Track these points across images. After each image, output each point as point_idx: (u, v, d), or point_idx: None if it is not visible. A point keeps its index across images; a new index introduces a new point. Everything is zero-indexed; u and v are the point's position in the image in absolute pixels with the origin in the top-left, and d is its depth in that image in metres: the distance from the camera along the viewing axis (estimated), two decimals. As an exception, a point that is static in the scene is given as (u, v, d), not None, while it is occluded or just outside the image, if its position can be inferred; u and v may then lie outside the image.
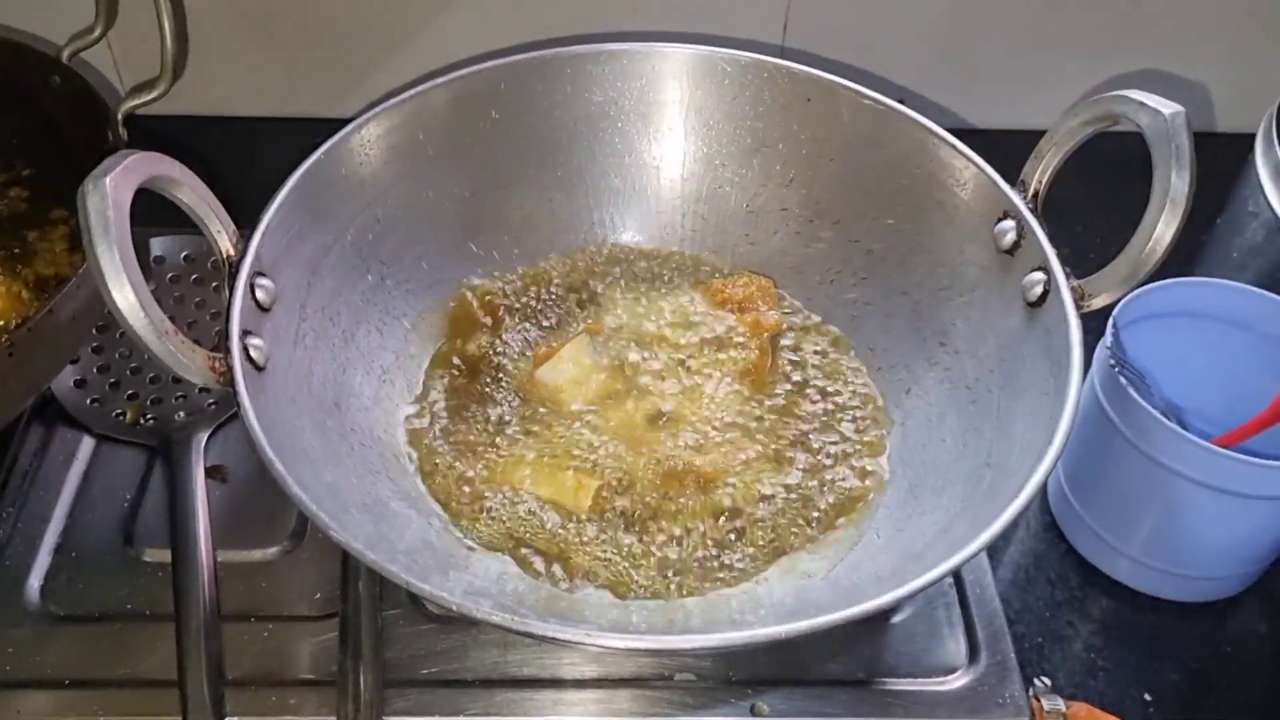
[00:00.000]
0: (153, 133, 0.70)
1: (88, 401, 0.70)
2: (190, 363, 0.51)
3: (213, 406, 0.69)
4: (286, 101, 0.87)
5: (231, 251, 0.57)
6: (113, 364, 0.71)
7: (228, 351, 0.53)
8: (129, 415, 0.69)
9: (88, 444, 0.68)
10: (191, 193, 0.55)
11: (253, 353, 0.54)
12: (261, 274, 0.57)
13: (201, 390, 0.70)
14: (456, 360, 0.66)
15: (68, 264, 0.69)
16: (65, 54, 0.73)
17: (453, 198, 0.68)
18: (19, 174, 0.73)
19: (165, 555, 0.62)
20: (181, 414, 0.69)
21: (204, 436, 0.68)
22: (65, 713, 0.57)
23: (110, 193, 0.48)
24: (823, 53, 0.86)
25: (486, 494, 0.60)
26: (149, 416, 0.69)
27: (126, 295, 0.48)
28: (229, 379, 0.52)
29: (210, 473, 0.67)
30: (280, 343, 0.57)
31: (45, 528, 0.64)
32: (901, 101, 0.66)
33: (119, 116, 0.69)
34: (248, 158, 0.86)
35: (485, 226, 0.70)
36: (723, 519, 0.60)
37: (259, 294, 0.56)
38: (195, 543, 0.61)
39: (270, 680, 0.58)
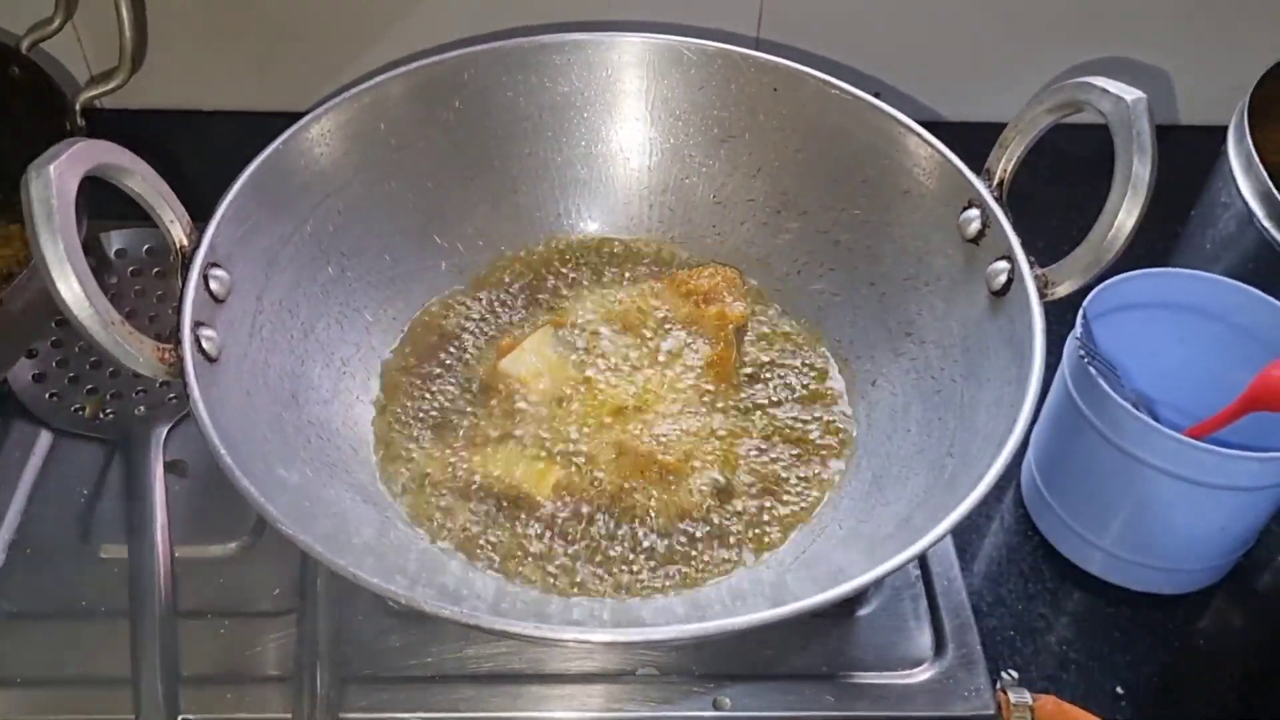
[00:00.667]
0: (118, 128, 0.69)
1: (46, 396, 0.69)
2: (138, 353, 0.50)
3: (173, 401, 0.68)
4: (255, 96, 0.86)
5: (185, 242, 0.56)
6: (72, 358, 0.70)
7: (178, 342, 0.52)
8: (88, 410, 0.68)
9: (45, 439, 0.67)
10: (143, 182, 0.54)
11: (205, 344, 0.53)
12: (216, 265, 0.56)
13: (162, 384, 0.69)
14: (417, 352, 0.66)
15: (19, 261, 0.68)
16: (24, 44, 0.72)
17: (415, 189, 0.67)
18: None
19: (122, 551, 0.61)
20: (141, 408, 0.68)
21: (164, 431, 0.67)
22: (17, 711, 0.56)
23: (54, 180, 0.48)
24: (798, 45, 0.86)
25: (445, 488, 0.60)
26: (109, 411, 0.68)
27: (71, 285, 0.48)
28: (178, 370, 0.51)
29: (169, 467, 0.66)
30: (235, 335, 0.56)
31: (-1, 524, 0.63)
32: (878, 95, 0.65)
33: (77, 107, 0.68)
34: (214, 152, 0.84)
35: (448, 218, 0.69)
36: (684, 512, 0.59)
37: (213, 285, 0.55)
38: (152, 538, 0.61)
39: (228, 678, 0.57)
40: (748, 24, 0.85)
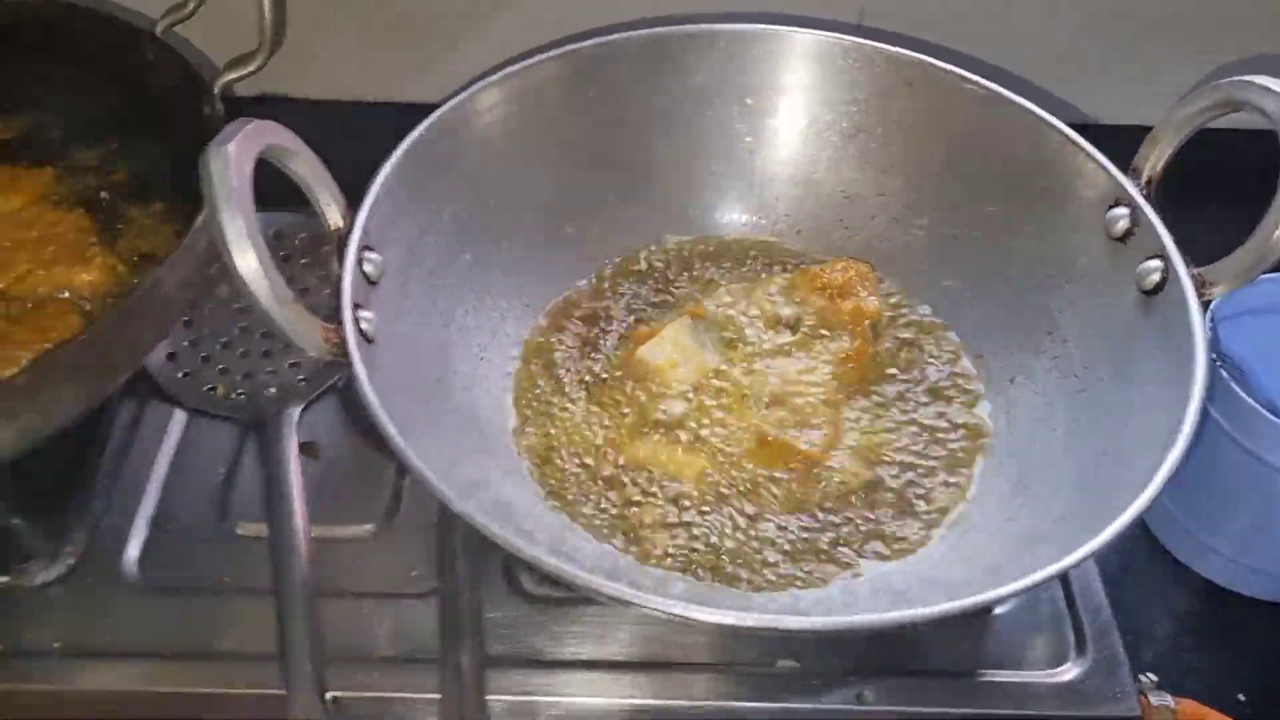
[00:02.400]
0: (250, 113, 0.69)
1: (179, 375, 0.69)
2: (307, 332, 0.51)
3: (303, 383, 0.69)
4: (374, 84, 0.87)
5: (341, 223, 0.56)
6: (202, 339, 0.71)
7: (339, 323, 0.53)
8: (220, 390, 0.69)
9: (179, 418, 0.68)
10: (304, 164, 0.55)
11: (363, 325, 0.54)
12: (369, 247, 0.56)
13: (291, 365, 0.69)
14: (555, 340, 0.66)
15: (164, 239, 0.68)
16: (159, 28, 0.73)
17: (550, 177, 0.67)
18: (112, 149, 0.73)
19: (258, 529, 0.62)
20: (272, 390, 0.69)
21: (296, 412, 0.67)
22: (165, 683, 0.57)
23: (233, 159, 0.48)
24: (902, 31, 0.84)
25: (586, 474, 0.60)
26: (240, 392, 0.69)
27: (249, 261, 0.48)
28: (342, 350, 0.52)
29: (302, 449, 0.66)
30: (386, 318, 0.56)
31: (140, 501, 0.64)
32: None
33: (216, 90, 0.68)
34: (334, 139, 0.86)
35: (582, 208, 0.69)
36: (825, 504, 0.59)
37: (367, 267, 0.56)
38: (291, 518, 0.61)
39: (372, 657, 0.57)
40: (847, 10, 0.84)
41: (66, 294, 0.65)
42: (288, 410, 0.67)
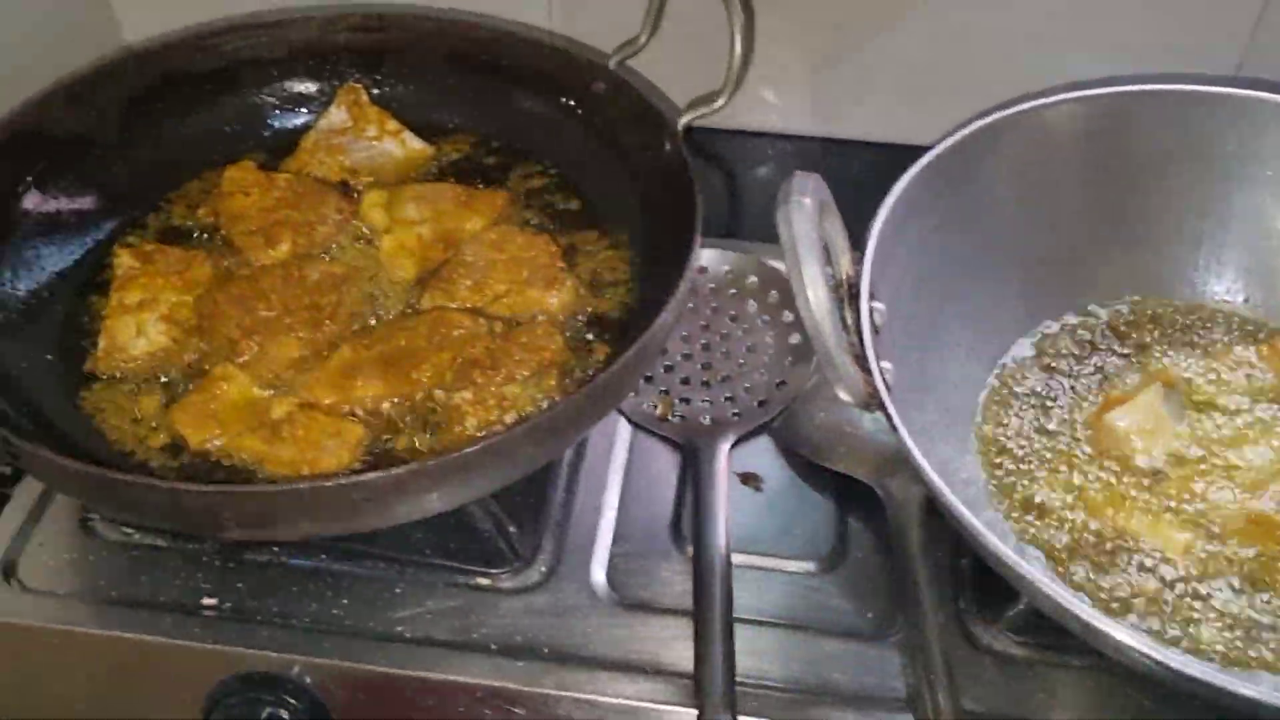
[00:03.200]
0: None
1: (622, 391, 0.72)
2: (853, 380, 0.53)
3: (736, 417, 0.71)
4: (828, 121, 0.88)
5: (849, 272, 0.58)
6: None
7: (868, 374, 0.54)
8: (659, 408, 0.72)
9: (625, 430, 0.71)
10: (830, 214, 0.56)
11: (885, 376, 0.55)
12: (873, 296, 0.58)
13: (727, 399, 0.72)
14: (1014, 391, 0.66)
15: (612, 267, 0.72)
16: (612, 62, 0.76)
17: (1038, 222, 0.67)
18: (564, 176, 0.77)
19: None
20: (707, 418, 0.71)
21: (728, 444, 0.69)
22: (635, 696, 0.59)
23: (810, 212, 0.50)
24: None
25: (1067, 536, 0.60)
26: (678, 415, 0.71)
27: (820, 307, 0.50)
28: (878, 402, 0.53)
29: (745, 479, 0.69)
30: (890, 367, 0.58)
31: (600, 515, 0.67)
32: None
33: (679, 129, 0.71)
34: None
35: (1061, 256, 0.68)
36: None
37: (876, 318, 0.57)
38: (715, 545, 0.63)
39: (801, 688, 0.59)
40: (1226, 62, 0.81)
41: (541, 315, 0.69)
42: (721, 440, 0.69)
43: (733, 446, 0.70)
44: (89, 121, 0.74)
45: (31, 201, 0.70)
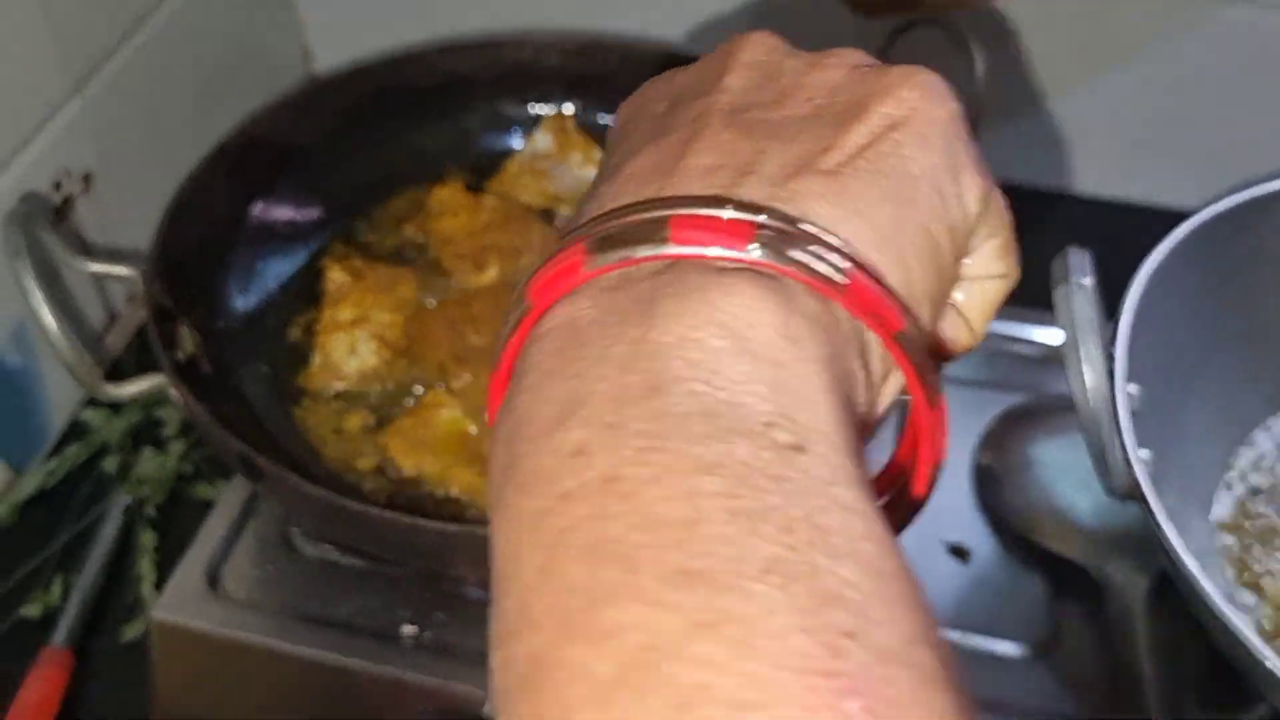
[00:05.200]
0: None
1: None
2: (1114, 468, 0.50)
3: (941, 479, 0.68)
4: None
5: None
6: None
7: (1128, 464, 0.51)
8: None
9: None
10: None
11: (1148, 466, 0.52)
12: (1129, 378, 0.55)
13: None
14: (1259, 485, 0.63)
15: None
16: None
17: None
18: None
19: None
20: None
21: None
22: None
23: (1092, 293, 0.48)
24: None
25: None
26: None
27: (1100, 390, 0.48)
28: (1140, 494, 0.50)
29: (953, 551, 0.66)
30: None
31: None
32: None
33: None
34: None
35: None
36: None
37: (1135, 405, 0.54)
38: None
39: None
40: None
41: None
42: (923, 505, 0.67)
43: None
44: (311, 133, 0.74)
45: (258, 210, 0.71)
